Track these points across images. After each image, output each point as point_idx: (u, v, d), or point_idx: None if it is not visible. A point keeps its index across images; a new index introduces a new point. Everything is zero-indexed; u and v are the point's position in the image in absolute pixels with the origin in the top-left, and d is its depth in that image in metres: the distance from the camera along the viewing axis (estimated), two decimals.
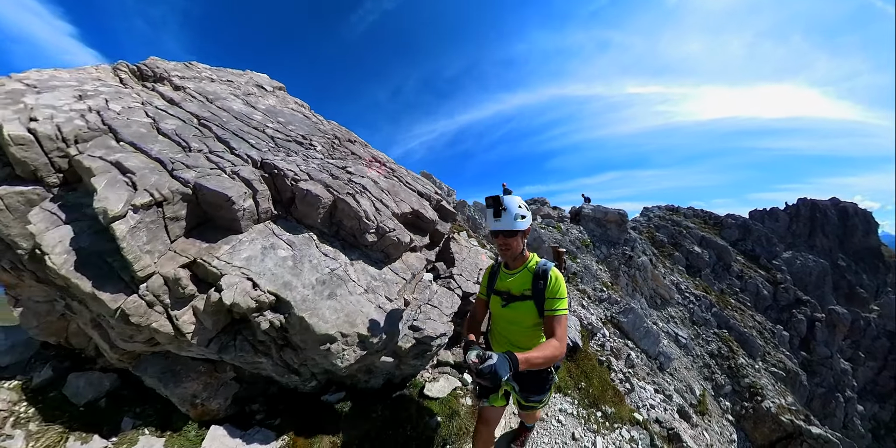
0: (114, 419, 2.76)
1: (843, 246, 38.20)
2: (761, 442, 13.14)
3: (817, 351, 23.21)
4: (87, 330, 2.80)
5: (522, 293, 2.18)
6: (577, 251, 13.80)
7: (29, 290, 2.89)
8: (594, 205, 18.74)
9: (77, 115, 3.08)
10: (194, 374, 2.71)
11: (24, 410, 2.79)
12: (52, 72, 3.77)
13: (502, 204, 2.09)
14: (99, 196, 2.45)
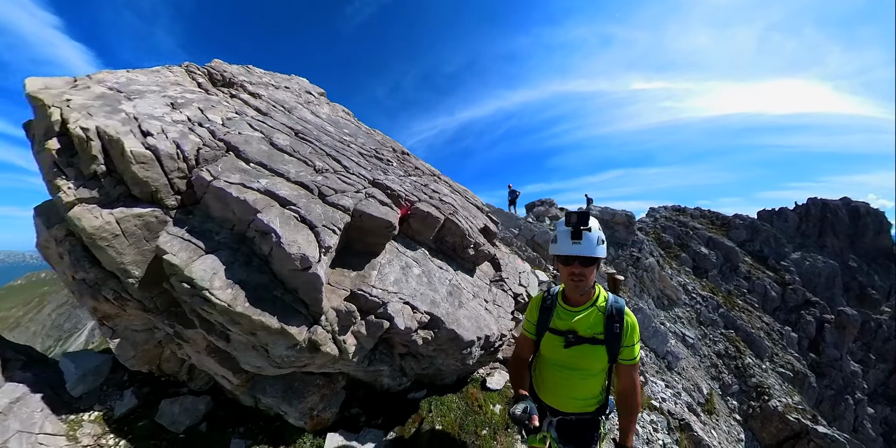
0: (221, 442, 2.76)
1: (855, 246, 38.49)
2: (768, 441, 13.70)
3: (826, 353, 23.66)
4: (199, 357, 2.80)
5: (594, 336, 1.92)
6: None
7: (127, 320, 2.85)
8: (602, 206, 19.41)
9: (185, 128, 3.04)
10: (313, 388, 2.96)
11: (112, 443, 2.64)
12: (126, 73, 3.69)
13: (588, 223, 1.79)
14: (286, 240, 2.41)
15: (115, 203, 2.53)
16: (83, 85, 2.94)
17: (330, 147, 3.95)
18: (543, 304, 2.12)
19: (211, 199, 2.71)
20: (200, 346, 2.68)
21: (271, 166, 3.03)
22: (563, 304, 2.05)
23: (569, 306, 2.02)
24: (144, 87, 3.42)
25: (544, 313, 2.10)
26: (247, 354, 2.48)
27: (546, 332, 2.06)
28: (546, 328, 2.06)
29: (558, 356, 2.03)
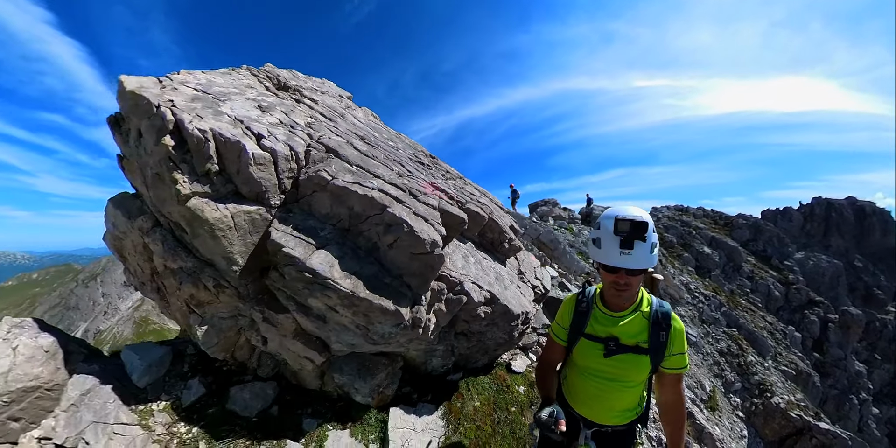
0: (293, 423, 2.98)
1: (860, 246, 38.81)
2: (771, 438, 14.08)
3: (830, 352, 24.04)
4: (284, 341, 3.04)
5: (637, 344, 1.79)
6: (588, 252, 14.93)
7: (217, 308, 2.99)
8: (604, 206, 19.83)
9: (286, 130, 3.23)
10: (381, 366, 3.31)
11: (184, 431, 2.77)
12: (203, 74, 3.83)
13: (646, 232, 1.59)
14: (417, 228, 2.77)
15: (224, 199, 2.74)
16: (170, 85, 3.03)
17: (390, 152, 4.36)
18: (578, 307, 1.97)
19: (322, 198, 2.97)
20: (287, 330, 2.95)
21: (368, 168, 3.29)
22: (602, 308, 1.90)
23: (609, 311, 1.87)
24: (225, 88, 3.57)
25: (579, 317, 1.94)
26: (343, 334, 2.81)
27: (581, 339, 1.92)
28: (581, 334, 1.92)
29: (596, 365, 1.88)
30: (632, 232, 1.58)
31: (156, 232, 2.77)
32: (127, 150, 2.76)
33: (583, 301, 1.97)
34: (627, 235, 1.58)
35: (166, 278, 2.81)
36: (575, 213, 20.33)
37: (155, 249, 2.72)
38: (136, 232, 2.81)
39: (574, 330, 1.96)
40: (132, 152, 2.70)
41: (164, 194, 2.66)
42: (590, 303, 1.95)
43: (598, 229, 1.72)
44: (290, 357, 3.13)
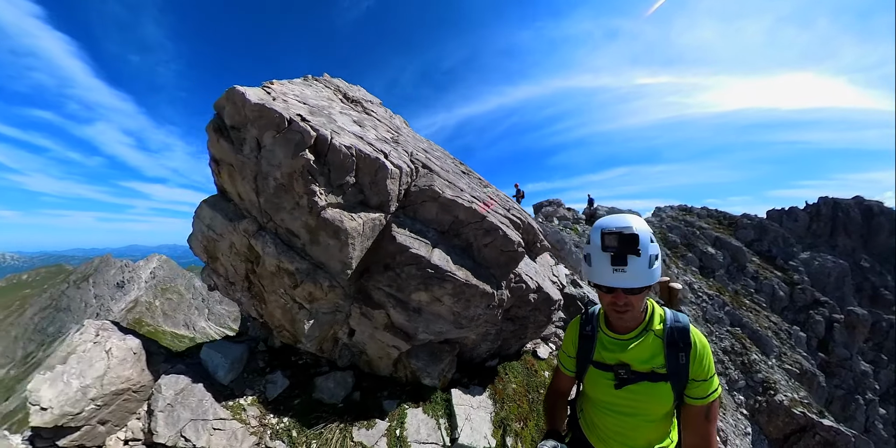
0: (375, 405, 3.39)
1: (867, 246, 39.20)
2: (775, 435, 14.57)
3: (836, 352, 24.53)
4: (375, 332, 3.46)
5: (652, 370, 1.58)
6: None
7: (322, 304, 3.27)
8: (608, 207, 20.32)
9: (392, 147, 3.64)
10: (445, 353, 3.83)
11: (275, 422, 3.01)
12: (291, 86, 3.98)
13: (638, 244, 1.42)
14: (509, 233, 3.48)
15: (354, 209, 3.04)
16: (279, 97, 3.13)
17: (449, 164, 4.84)
18: (582, 331, 1.81)
19: (431, 206, 3.46)
20: (379, 323, 3.38)
21: (454, 183, 3.76)
22: (607, 331, 1.72)
23: (616, 334, 1.68)
24: (318, 101, 3.79)
25: (585, 343, 1.78)
26: (433, 323, 3.30)
27: (589, 367, 1.74)
28: (589, 361, 1.74)
29: (609, 398, 1.67)
30: (621, 246, 1.42)
31: (263, 235, 3.04)
32: (237, 158, 2.90)
33: (587, 325, 1.80)
34: (617, 251, 1.42)
35: (279, 278, 3.08)
36: (579, 213, 20.81)
37: (266, 251, 2.99)
38: (239, 234, 3.10)
39: (581, 358, 1.79)
40: (244, 160, 2.88)
41: (285, 203, 2.92)
42: (595, 326, 1.77)
43: (588, 244, 1.57)
44: (376, 347, 3.57)
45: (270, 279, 3.13)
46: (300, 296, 3.12)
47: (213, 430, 2.66)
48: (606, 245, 1.45)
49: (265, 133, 2.76)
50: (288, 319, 3.32)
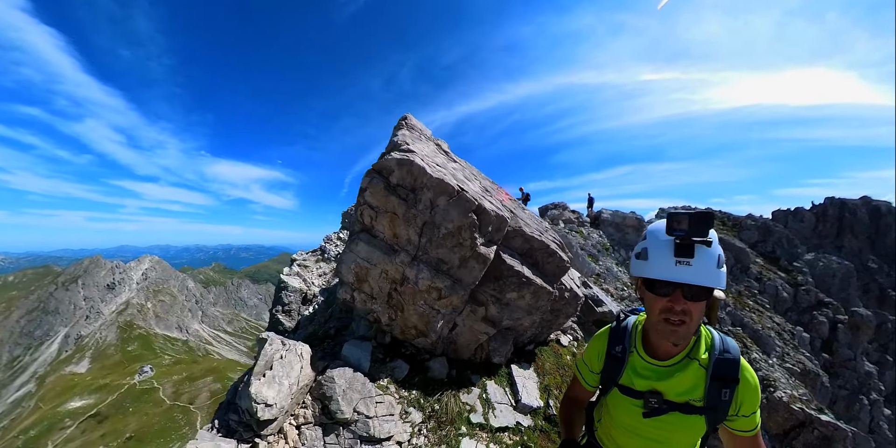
0: (467, 378, 4.69)
1: (875, 247, 39.88)
2: (775, 431, 15.46)
3: (840, 353, 25.41)
4: (474, 324, 4.66)
5: (687, 402, 1.46)
6: (598, 254, 16.34)
7: (451, 308, 4.45)
8: (612, 210, 21.28)
9: (496, 201, 4.82)
10: (508, 337, 5.13)
11: (407, 394, 4.12)
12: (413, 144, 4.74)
13: (707, 233, 1.24)
14: (564, 257, 4.90)
15: (488, 245, 4.38)
16: (432, 165, 4.21)
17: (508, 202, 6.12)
18: (611, 350, 1.67)
19: (518, 239, 4.72)
20: (478, 317, 4.66)
21: (528, 221, 5.10)
22: (644, 354, 1.58)
23: (652, 359, 1.55)
24: (434, 157, 4.77)
25: (612, 363, 1.66)
26: (515, 313, 4.68)
27: (614, 389, 1.65)
28: (614, 384, 1.64)
29: (634, 423, 1.59)
30: (692, 230, 1.23)
31: (418, 264, 4.18)
32: (409, 211, 3.99)
33: (617, 343, 1.66)
34: (686, 235, 1.24)
35: (427, 293, 4.22)
36: (583, 216, 21.71)
37: (421, 276, 4.13)
38: (394, 264, 4.13)
39: (606, 378, 1.69)
40: (417, 214, 4.01)
41: (448, 243, 4.10)
42: (626, 346, 1.63)
43: (644, 239, 1.43)
44: (470, 335, 4.79)
45: (413, 294, 4.27)
46: (440, 304, 4.33)
47: (375, 403, 3.63)
48: (674, 227, 1.26)
49: (440, 197, 3.97)
50: (423, 322, 4.48)
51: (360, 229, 4.18)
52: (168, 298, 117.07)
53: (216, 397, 60.07)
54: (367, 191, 3.95)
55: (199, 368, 72.41)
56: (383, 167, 4.00)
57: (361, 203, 4.00)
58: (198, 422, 53.01)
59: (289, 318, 8.12)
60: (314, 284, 9.20)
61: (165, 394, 62.18)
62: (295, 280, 9.04)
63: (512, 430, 4.03)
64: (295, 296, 8.52)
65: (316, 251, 11.54)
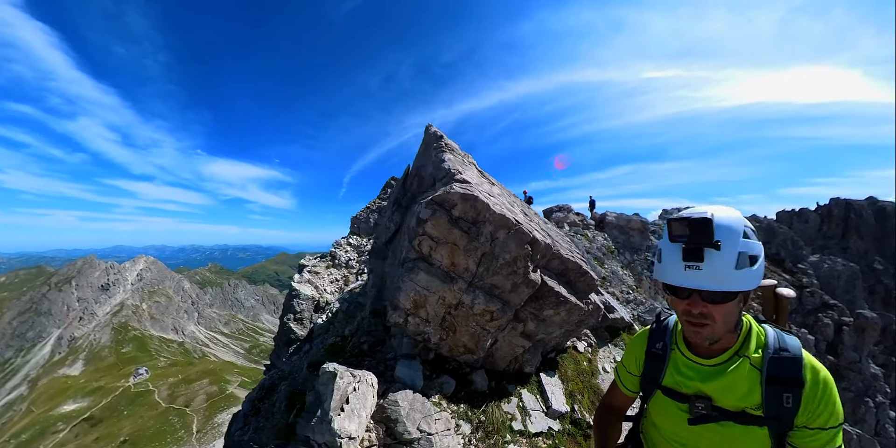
0: (504, 388, 4.98)
1: (881, 248, 40.32)
2: None
3: (845, 355, 25.77)
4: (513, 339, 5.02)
5: (745, 410, 1.29)
6: (603, 257, 16.63)
7: (498, 327, 4.71)
8: (616, 213, 21.58)
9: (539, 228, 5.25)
10: (538, 349, 5.56)
11: (455, 408, 4.36)
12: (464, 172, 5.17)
13: (713, 234, 1.16)
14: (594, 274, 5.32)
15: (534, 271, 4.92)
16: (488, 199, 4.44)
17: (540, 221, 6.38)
18: (650, 347, 1.61)
19: (555, 261, 5.04)
20: (518, 332, 4.98)
21: (563, 244, 5.55)
22: (685, 351, 1.48)
23: (696, 357, 1.43)
24: (489, 189, 5.09)
25: (653, 362, 1.58)
26: (549, 327, 4.97)
27: (656, 391, 1.55)
28: (656, 385, 1.54)
29: (680, 431, 1.45)
30: (692, 236, 1.19)
31: (474, 291, 4.49)
32: (471, 243, 4.28)
33: (657, 340, 1.59)
34: (688, 240, 1.20)
35: (480, 316, 4.56)
36: (588, 218, 22.01)
37: (476, 301, 4.43)
38: (452, 291, 4.41)
39: (647, 379, 1.60)
40: (478, 245, 4.31)
41: (503, 271, 4.42)
42: (667, 343, 1.56)
43: (660, 239, 1.37)
44: (509, 348, 5.13)
45: (466, 317, 4.60)
46: (491, 325, 4.69)
47: (434, 420, 3.89)
48: (674, 234, 1.23)
49: (499, 231, 4.31)
50: (473, 341, 4.81)
51: (417, 257, 4.40)
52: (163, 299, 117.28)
53: (212, 400, 60.69)
54: (429, 223, 4.15)
55: (195, 371, 72.89)
56: (446, 200, 4.18)
57: (421, 233, 4.21)
58: (193, 425, 53.56)
59: (300, 326, 8.34)
60: (326, 291, 9.43)
61: (161, 396, 62.65)
62: (306, 287, 9.25)
63: (545, 434, 4.48)
64: (307, 304, 8.76)
65: (325, 257, 11.76)
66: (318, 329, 7.59)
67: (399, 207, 6.19)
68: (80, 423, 57.44)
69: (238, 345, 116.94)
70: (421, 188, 5.76)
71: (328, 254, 11.94)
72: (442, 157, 5.09)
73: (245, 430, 6.32)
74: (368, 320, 5.77)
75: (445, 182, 4.54)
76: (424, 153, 6.07)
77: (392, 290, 4.61)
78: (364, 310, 6.44)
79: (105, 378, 72.08)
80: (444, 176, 4.69)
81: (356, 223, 14.64)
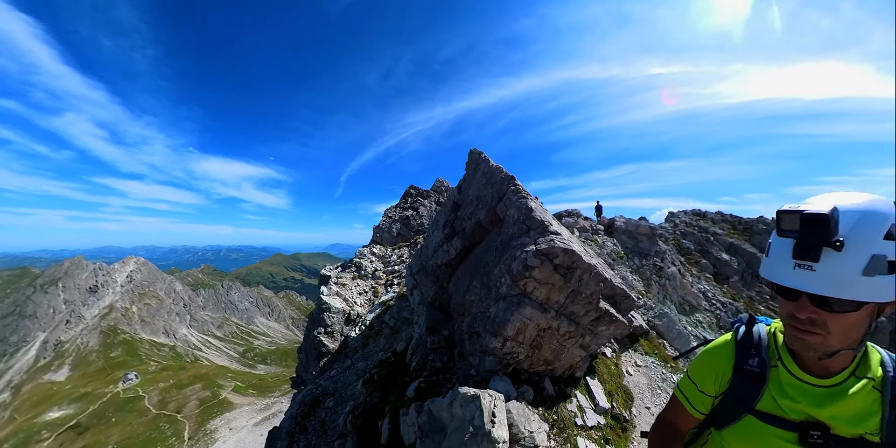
0: (564, 392, 5.75)
1: None
2: None
3: None
4: (573, 349, 5.87)
5: (861, 437, 1.18)
6: (613, 262, 17.30)
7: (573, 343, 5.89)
8: (626, 218, 22.25)
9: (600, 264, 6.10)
10: (588, 356, 6.42)
11: (544, 411, 5.25)
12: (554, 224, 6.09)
13: (834, 232, 0.97)
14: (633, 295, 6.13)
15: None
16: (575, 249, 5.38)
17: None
18: (741, 364, 1.39)
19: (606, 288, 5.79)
20: (577, 345, 5.93)
21: (608, 270, 6.32)
22: (795, 369, 1.28)
23: (808, 376, 1.25)
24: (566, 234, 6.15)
25: (745, 383, 1.37)
26: (600, 339, 5.92)
27: (746, 417, 1.35)
28: (748, 410, 1.34)
29: None
30: (804, 232, 1.01)
31: (560, 317, 5.50)
32: (565, 284, 5.30)
33: (750, 355, 1.38)
34: (800, 237, 1.02)
35: (563, 336, 5.59)
36: (596, 222, 22.65)
37: (561, 325, 5.47)
38: (546, 319, 5.38)
39: (732, 402, 1.40)
40: (569, 285, 5.35)
41: (582, 301, 5.48)
42: (765, 359, 1.35)
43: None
44: (569, 358, 6.05)
45: (551, 337, 5.59)
46: (569, 342, 5.79)
47: (531, 422, 4.66)
48: (783, 228, 1.09)
49: (585, 274, 5.37)
50: (553, 355, 5.81)
51: (519, 293, 5.36)
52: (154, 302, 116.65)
53: (205, 405, 60.43)
54: (537, 269, 5.17)
55: (187, 375, 72.77)
56: (550, 252, 5.25)
57: (527, 276, 5.21)
58: (185, 432, 53.16)
59: (331, 339, 8.76)
60: (356, 304, 9.87)
61: (151, 402, 62.29)
62: (336, 300, 9.66)
63: (596, 427, 5.57)
64: (338, 317, 9.22)
65: (349, 266, 12.21)
66: (353, 342, 8.06)
67: (453, 232, 7.08)
68: (65, 431, 56.87)
69: (232, 348, 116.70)
70: (500, 227, 6.63)
71: (350, 263, 12.39)
72: (527, 204, 6.08)
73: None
74: (428, 338, 6.49)
75: (541, 232, 5.55)
76: (489, 185, 6.97)
77: (494, 321, 5.42)
78: (414, 326, 6.97)
79: (92, 383, 71.58)
80: (538, 226, 5.69)
81: (378, 232, 15.01)
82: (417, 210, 19.86)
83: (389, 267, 12.88)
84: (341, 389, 6.32)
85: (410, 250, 14.68)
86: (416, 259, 8.19)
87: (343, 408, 6.62)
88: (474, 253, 6.78)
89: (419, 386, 5.36)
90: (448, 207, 7.22)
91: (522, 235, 5.78)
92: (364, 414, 5.51)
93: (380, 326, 7.89)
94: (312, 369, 8.67)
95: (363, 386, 5.52)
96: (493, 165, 6.98)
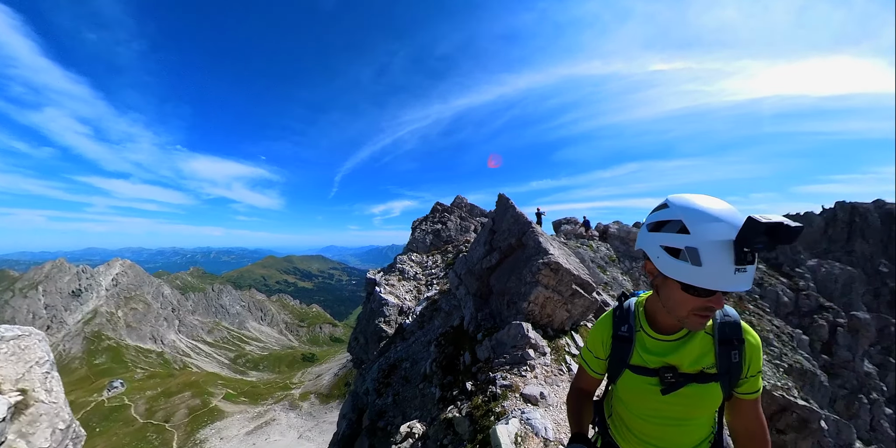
0: (559, 336, 9.02)
1: (888, 251, 44.56)
2: None
3: (839, 354, 29.64)
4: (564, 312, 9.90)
5: (701, 371, 1.68)
6: (606, 265, 21.38)
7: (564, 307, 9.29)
8: (619, 225, 26.40)
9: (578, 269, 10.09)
10: (573, 317, 10.28)
11: (547, 342, 8.21)
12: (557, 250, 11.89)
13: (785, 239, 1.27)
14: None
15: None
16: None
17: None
18: (617, 331, 1.90)
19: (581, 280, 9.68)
20: (566, 309, 9.34)
21: (577, 267, 10.29)
22: (650, 331, 1.80)
23: (660, 335, 1.77)
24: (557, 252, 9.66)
25: (620, 345, 1.87)
26: (576, 308, 9.85)
27: (625, 371, 1.86)
28: (625, 365, 1.85)
29: (653, 404, 1.80)
30: (774, 241, 1.26)
31: (555, 292, 9.26)
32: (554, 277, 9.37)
33: (622, 324, 1.90)
34: (764, 248, 1.26)
35: (556, 304, 9.40)
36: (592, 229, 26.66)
37: (555, 296, 9.26)
38: (547, 293, 9.17)
39: (615, 361, 1.90)
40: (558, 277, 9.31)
41: (564, 285, 9.49)
42: (632, 326, 1.87)
43: (688, 234, 1.36)
44: (561, 316, 9.64)
45: (551, 303, 9.30)
46: (559, 307, 9.55)
47: (543, 342, 8.51)
48: (752, 240, 1.26)
49: (564, 272, 9.42)
50: (553, 313, 9.40)
51: (534, 281, 9.18)
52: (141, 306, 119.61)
53: (195, 414, 61.97)
54: (542, 270, 9.21)
55: (175, 383, 74.30)
56: (548, 262, 9.19)
57: (538, 273, 9.15)
58: (174, 441, 54.98)
59: (388, 326, 13.01)
60: (406, 299, 14.32)
61: (138, 411, 63.51)
62: (391, 297, 14.25)
63: (577, 356, 8.79)
64: (393, 309, 13.55)
65: (392, 270, 16.71)
66: (409, 327, 12.32)
67: (492, 248, 11.37)
68: None
69: (223, 354, 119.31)
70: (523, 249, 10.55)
71: (392, 268, 16.81)
72: (538, 239, 10.20)
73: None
74: (477, 313, 10.64)
75: (544, 253, 9.62)
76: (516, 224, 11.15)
77: (523, 294, 9.49)
78: (463, 310, 11.42)
79: (76, 392, 72.09)
80: (543, 251, 9.79)
81: (414, 242, 20.08)
82: (445, 224, 25.38)
83: (426, 270, 17.70)
84: (413, 355, 10.10)
85: (443, 257, 19.99)
86: (461, 265, 12.17)
87: (419, 366, 10.52)
88: (507, 261, 10.85)
89: (483, 333, 9.56)
90: (486, 231, 11.69)
91: (536, 254, 9.88)
92: (444, 359, 9.44)
93: (431, 313, 12.04)
94: (373, 350, 12.77)
95: (435, 347, 9.44)
96: (517, 212, 11.15)
